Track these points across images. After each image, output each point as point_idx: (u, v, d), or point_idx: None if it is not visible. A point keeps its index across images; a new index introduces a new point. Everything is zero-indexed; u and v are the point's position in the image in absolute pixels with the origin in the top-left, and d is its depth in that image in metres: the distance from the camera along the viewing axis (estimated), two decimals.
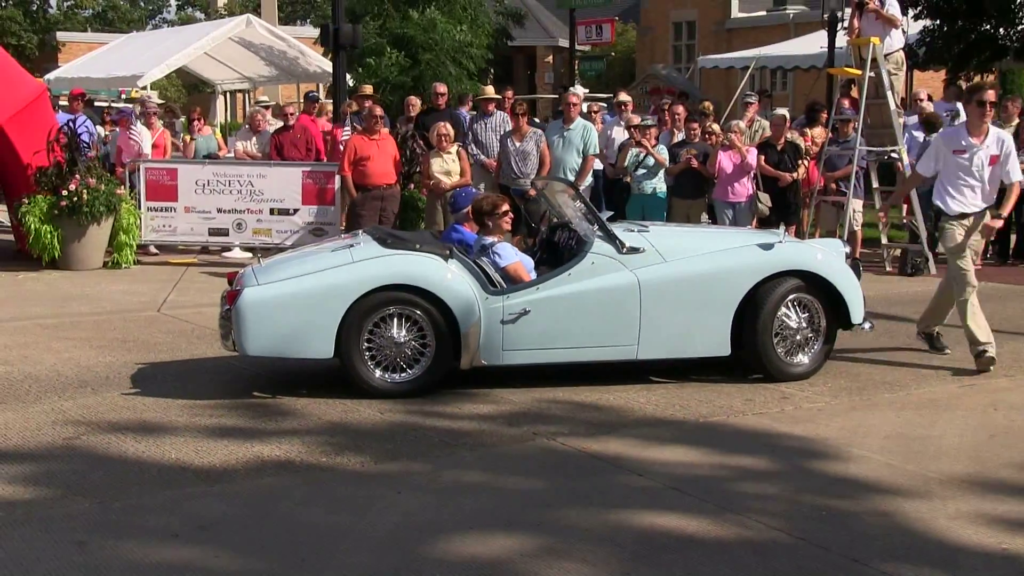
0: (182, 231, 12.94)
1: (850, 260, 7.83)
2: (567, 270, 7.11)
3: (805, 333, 7.35)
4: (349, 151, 11.82)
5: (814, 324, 7.38)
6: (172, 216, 12.87)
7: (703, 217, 12.33)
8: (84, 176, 11.97)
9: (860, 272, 7.79)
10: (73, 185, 11.83)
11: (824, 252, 7.61)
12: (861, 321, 7.47)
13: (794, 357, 7.35)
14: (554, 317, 7.02)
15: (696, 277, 7.21)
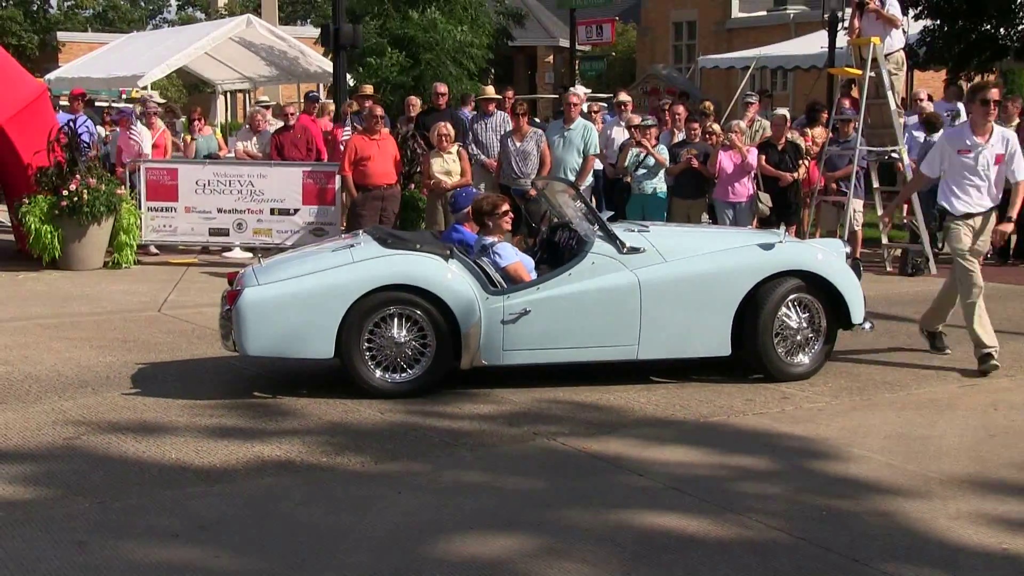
0: (182, 231, 12.94)
1: (850, 260, 7.83)
2: (567, 270, 7.11)
3: (805, 333, 7.35)
4: (350, 151, 11.82)
5: (814, 324, 7.38)
6: (172, 216, 12.87)
7: (703, 217, 12.33)
8: (84, 176, 11.97)
9: (860, 272, 7.79)
10: (73, 185, 11.83)
11: (824, 252, 7.60)
12: (861, 321, 7.47)
13: (794, 357, 7.35)
14: (554, 317, 7.02)
15: (696, 277, 7.21)
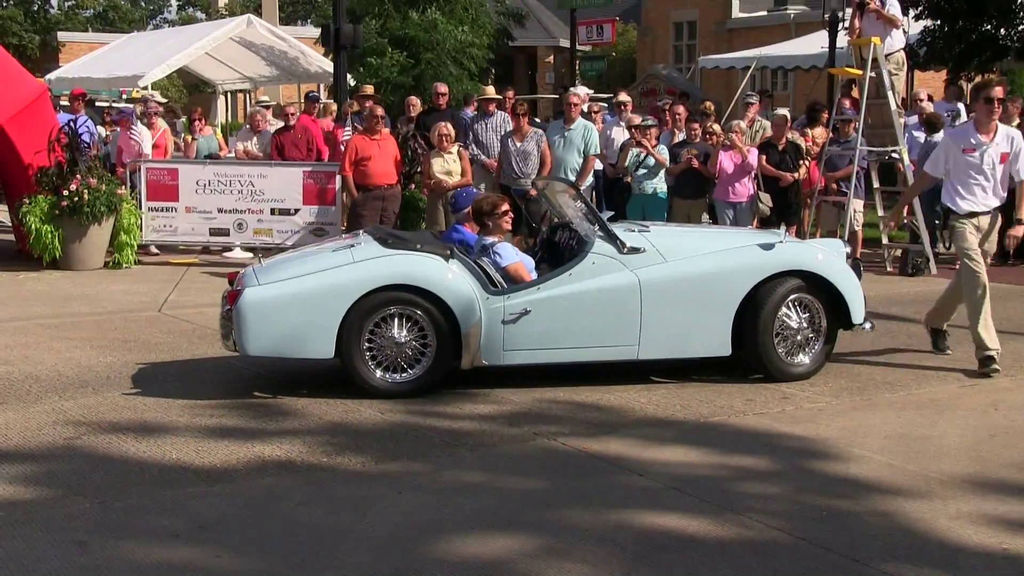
0: (183, 231, 12.94)
1: (851, 260, 7.83)
2: (568, 270, 7.11)
3: (806, 333, 7.35)
4: (350, 151, 11.83)
5: (815, 324, 7.38)
6: (173, 216, 12.87)
7: (704, 217, 12.34)
8: (85, 176, 11.97)
9: (861, 272, 7.79)
10: (74, 185, 11.83)
11: (825, 252, 7.60)
12: (862, 321, 7.47)
13: (795, 357, 7.35)
14: (555, 317, 7.02)
15: (697, 277, 7.21)
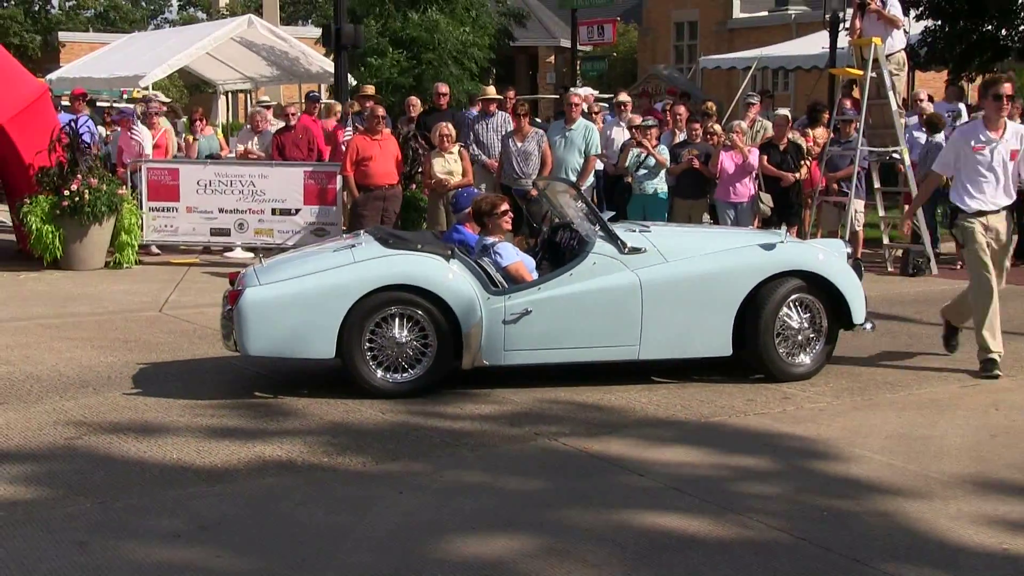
0: (184, 231, 12.94)
1: (851, 260, 7.82)
2: (569, 270, 7.11)
3: (807, 333, 7.34)
4: (351, 151, 11.83)
5: (816, 324, 7.38)
6: (174, 216, 12.87)
7: (704, 217, 12.34)
8: (86, 176, 11.97)
9: (862, 272, 7.79)
10: (75, 185, 11.83)
11: (826, 252, 7.60)
12: (863, 321, 7.46)
13: (796, 357, 7.35)
14: (556, 317, 7.02)
15: (698, 277, 7.21)
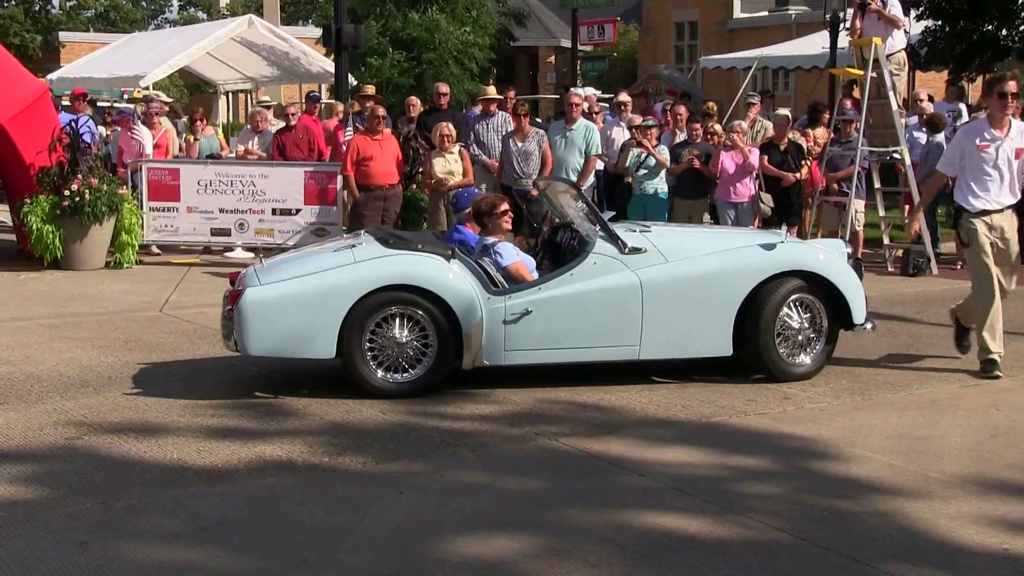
0: (184, 231, 12.95)
1: (852, 260, 7.83)
2: (569, 270, 7.11)
3: (807, 333, 7.34)
4: (352, 151, 11.83)
5: (816, 324, 7.38)
6: (174, 216, 12.87)
7: (705, 217, 12.34)
8: (86, 176, 11.98)
9: (862, 272, 7.79)
10: (75, 185, 11.84)
11: (826, 252, 7.59)
12: (863, 321, 7.46)
13: (796, 357, 7.35)
14: (556, 317, 7.02)
15: (698, 277, 7.21)
